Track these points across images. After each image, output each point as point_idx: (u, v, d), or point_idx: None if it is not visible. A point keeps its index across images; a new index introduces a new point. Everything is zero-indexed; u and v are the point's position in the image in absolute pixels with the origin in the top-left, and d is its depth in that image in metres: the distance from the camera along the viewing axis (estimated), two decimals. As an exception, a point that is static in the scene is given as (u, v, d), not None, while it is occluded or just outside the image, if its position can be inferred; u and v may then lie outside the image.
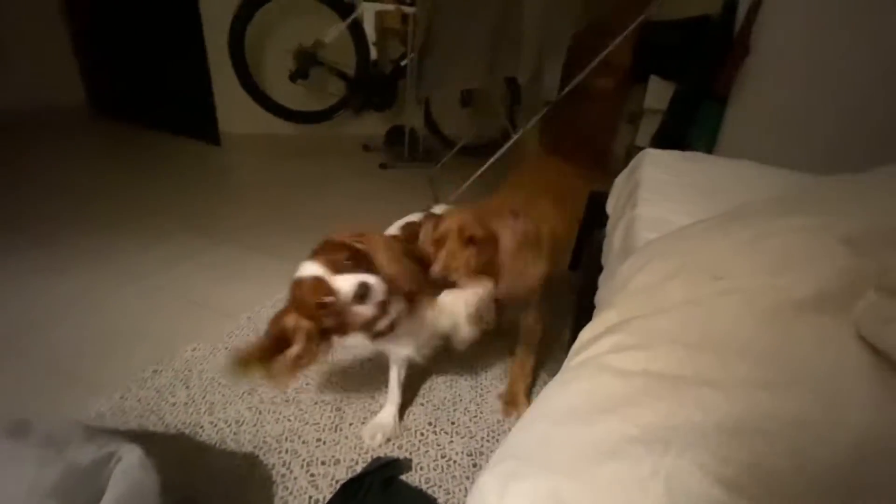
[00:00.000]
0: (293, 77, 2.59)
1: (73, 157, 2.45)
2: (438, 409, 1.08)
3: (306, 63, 2.59)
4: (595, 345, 0.47)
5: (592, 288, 1.11)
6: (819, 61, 1.86)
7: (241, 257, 1.62)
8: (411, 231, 0.98)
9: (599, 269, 1.16)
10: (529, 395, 1.14)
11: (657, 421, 0.36)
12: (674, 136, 2.21)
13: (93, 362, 1.14)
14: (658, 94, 2.66)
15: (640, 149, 3.12)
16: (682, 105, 2.20)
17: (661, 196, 0.94)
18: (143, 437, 0.95)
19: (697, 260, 0.56)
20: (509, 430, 1.05)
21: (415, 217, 1.04)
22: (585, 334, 0.54)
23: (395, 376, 1.03)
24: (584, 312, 1.03)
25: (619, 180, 1.33)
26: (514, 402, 1.10)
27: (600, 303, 0.81)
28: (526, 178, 1.41)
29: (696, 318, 0.46)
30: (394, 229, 1.03)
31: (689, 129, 2.18)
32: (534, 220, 0.96)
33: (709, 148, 2.19)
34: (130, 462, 0.62)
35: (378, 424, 1.01)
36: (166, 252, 1.61)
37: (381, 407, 1.06)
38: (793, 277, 0.48)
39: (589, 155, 2.90)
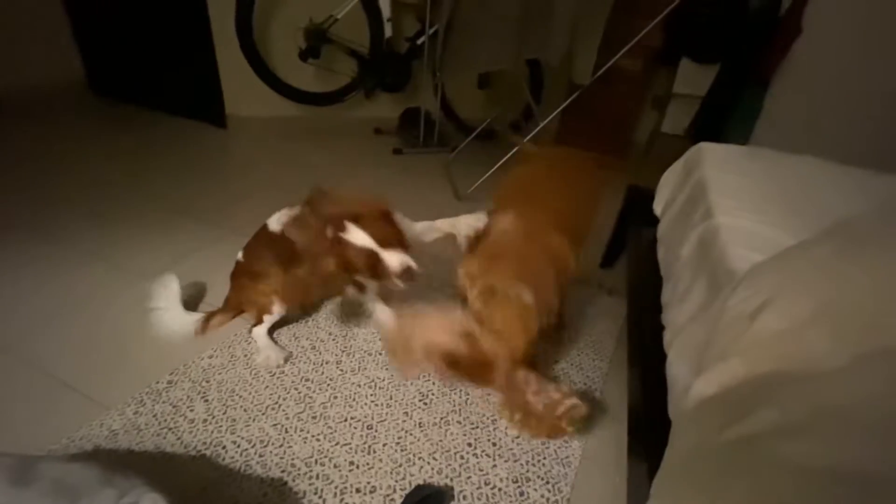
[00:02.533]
0: (303, 56, 2.44)
1: (73, 139, 2.32)
2: (477, 427, 1.00)
3: (317, 41, 2.43)
4: (742, 417, 0.37)
5: (644, 297, 1.02)
6: (876, 45, 1.72)
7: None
8: None
9: (650, 275, 1.06)
10: None
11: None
12: (714, 122, 2.07)
13: (102, 371, 1.05)
14: (689, 77, 2.51)
15: (665, 136, 2.98)
16: (724, 89, 2.05)
17: (738, 203, 0.83)
18: (161, 462, 0.88)
19: (838, 301, 0.46)
20: (555, 452, 0.99)
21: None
22: (703, 385, 0.45)
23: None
24: (643, 329, 0.94)
25: (671, 177, 1.22)
26: None
27: (682, 331, 0.71)
28: (520, 193, 1.18)
29: (868, 389, 0.37)
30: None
31: (728, 116, 2.05)
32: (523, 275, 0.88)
33: (746, 134, 2.06)
34: (154, 519, 0.54)
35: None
36: (174, 245, 1.51)
37: (416, 424, 0.99)
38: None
39: (609, 141, 2.77)
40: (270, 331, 1.16)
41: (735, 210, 0.81)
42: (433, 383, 1.10)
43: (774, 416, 0.36)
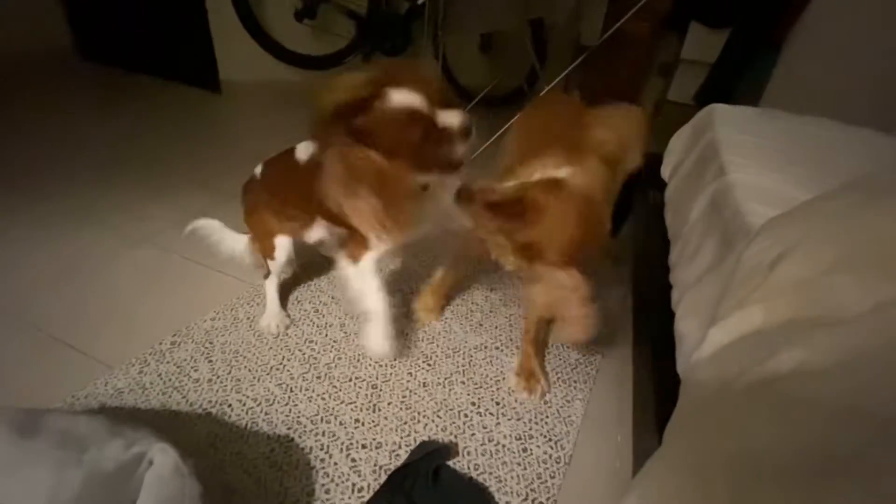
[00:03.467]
0: (299, 16, 2.34)
1: (62, 105, 2.25)
2: (481, 387, 1.01)
3: (313, 0, 2.33)
4: (765, 359, 0.37)
5: (650, 260, 1.01)
6: (893, 6, 1.65)
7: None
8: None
9: (657, 238, 1.05)
10: (544, 368, 1.06)
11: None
12: (725, 87, 2.01)
13: (104, 332, 1.05)
14: (698, 42, 2.42)
15: (671, 103, 2.91)
16: (734, 54, 1.99)
17: (753, 161, 0.81)
18: (168, 418, 0.88)
19: (859, 249, 0.45)
20: (557, 411, 1.00)
21: None
22: (720, 334, 0.44)
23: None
24: (649, 289, 0.94)
25: (679, 140, 1.19)
26: (535, 377, 1.01)
27: (691, 287, 0.70)
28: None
29: (892, 334, 0.36)
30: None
31: (739, 82, 1.99)
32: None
33: (755, 101, 2.01)
34: (164, 467, 0.54)
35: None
36: (171, 209, 1.49)
37: (420, 384, 0.99)
38: None
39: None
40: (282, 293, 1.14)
41: (749, 167, 0.79)
42: (436, 345, 1.10)
43: (799, 357, 0.35)
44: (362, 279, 0.93)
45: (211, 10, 2.33)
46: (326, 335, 1.10)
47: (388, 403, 0.95)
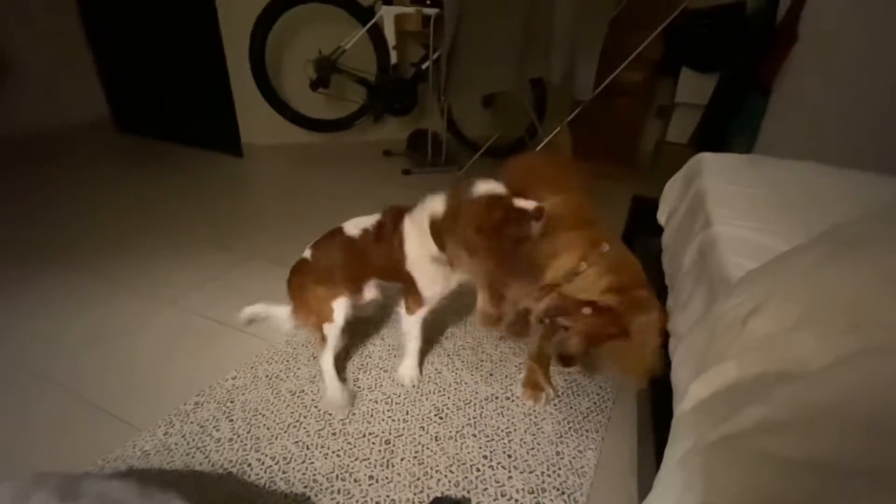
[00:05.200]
0: (314, 86, 2.55)
1: (98, 176, 2.45)
2: (492, 439, 1.02)
3: (327, 71, 2.54)
4: (731, 415, 0.40)
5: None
6: (871, 49, 1.74)
7: (270, 274, 1.58)
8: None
9: (658, 283, 1.08)
10: (549, 379, 1.15)
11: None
12: (716, 131, 2.10)
13: (130, 395, 1.11)
14: (690, 87, 2.55)
15: (671, 144, 3.01)
16: (724, 98, 2.08)
17: (735, 211, 0.86)
18: (192, 479, 0.92)
19: (823, 304, 0.48)
20: (570, 462, 1.00)
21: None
22: (700, 388, 0.48)
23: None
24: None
25: (673, 188, 1.25)
26: (539, 386, 1.12)
27: (684, 338, 0.74)
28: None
29: (849, 387, 0.39)
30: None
31: (731, 124, 2.07)
32: None
33: (750, 142, 2.08)
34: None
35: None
36: (195, 272, 1.59)
37: (433, 438, 1.01)
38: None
39: (615, 152, 2.80)
40: (338, 367, 1.13)
41: (732, 219, 0.83)
42: (448, 397, 1.12)
43: (761, 412, 0.38)
44: (412, 325, 1.14)
45: (234, 82, 2.56)
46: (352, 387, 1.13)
47: (402, 459, 0.97)
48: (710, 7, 2.29)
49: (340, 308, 1.09)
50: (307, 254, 1.14)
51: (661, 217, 1.24)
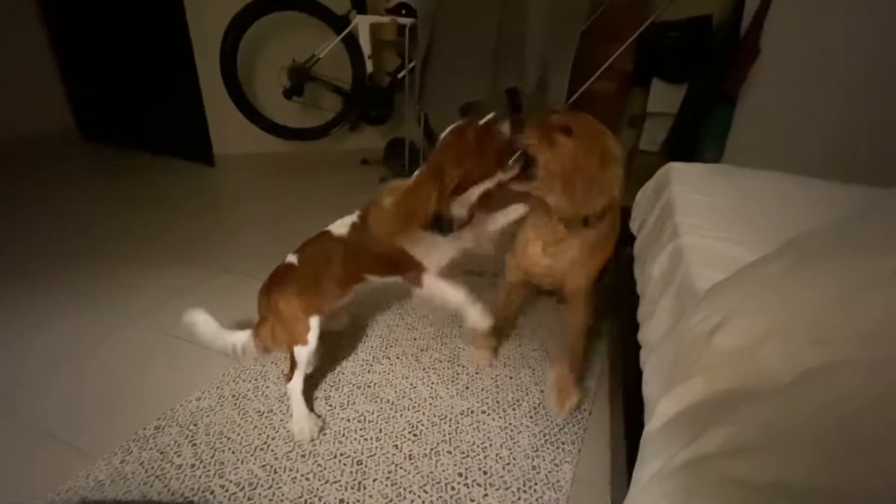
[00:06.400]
0: (287, 94, 2.51)
1: (62, 186, 2.35)
2: (468, 456, 1.00)
3: (301, 79, 2.51)
4: (697, 436, 0.39)
5: (625, 316, 1.04)
6: (829, 60, 1.81)
7: (241, 288, 1.52)
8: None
9: (630, 293, 1.09)
10: (581, 383, 1.13)
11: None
12: (686, 139, 2.15)
13: (85, 420, 1.04)
14: (661, 97, 2.61)
15: (644, 152, 3.07)
16: (692, 108, 2.14)
17: (702, 221, 0.87)
18: (147, 511, 0.86)
19: (787, 318, 0.48)
20: (546, 476, 0.98)
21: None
22: (667, 405, 0.47)
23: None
24: (626, 348, 0.96)
25: (644, 197, 1.26)
26: (567, 390, 1.07)
27: (654, 350, 0.73)
28: None
29: (814, 403, 0.39)
30: None
31: (700, 133, 2.12)
32: None
33: (720, 150, 2.14)
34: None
35: None
36: (161, 287, 1.52)
37: (406, 457, 0.98)
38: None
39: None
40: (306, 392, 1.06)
41: (699, 229, 0.84)
42: (423, 413, 1.10)
43: (726, 435, 0.38)
44: (435, 289, 1.08)
45: (205, 89, 2.50)
46: (311, 408, 1.09)
47: (374, 480, 0.94)
48: (679, 20, 2.36)
49: (315, 328, 1.04)
50: (291, 259, 1.09)
51: (634, 226, 1.25)
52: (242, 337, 1.07)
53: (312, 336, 1.04)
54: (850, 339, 0.43)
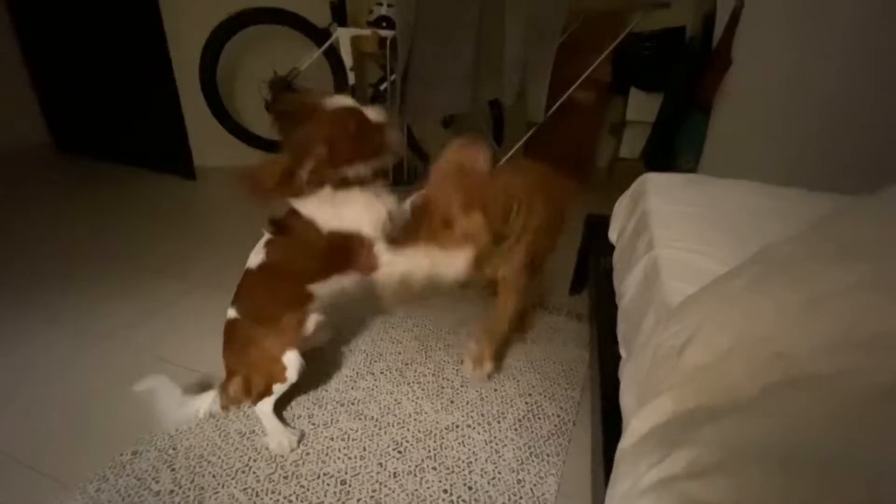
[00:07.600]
0: (269, 106, 2.49)
1: (35, 200, 2.29)
2: (453, 472, 1.00)
3: (282, 91, 2.49)
4: (665, 456, 0.40)
5: (605, 326, 1.05)
6: (800, 71, 1.87)
7: (222, 304, 1.50)
8: None
9: (610, 302, 1.10)
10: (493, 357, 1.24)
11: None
12: (663, 147, 2.19)
13: (58, 446, 1.01)
14: (639, 105, 2.67)
15: (623, 160, 3.12)
16: (668, 116, 2.19)
17: (676, 233, 0.89)
18: (123, 542, 0.84)
19: (751, 332, 0.49)
20: (531, 490, 0.99)
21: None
22: (638, 424, 0.47)
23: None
24: (606, 358, 0.97)
25: (621, 207, 1.28)
26: (480, 360, 1.22)
27: (631, 356, 0.74)
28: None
29: (775, 419, 0.40)
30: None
31: (676, 141, 2.17)
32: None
33: (697, 157, 2.19)
34: None
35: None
36: (141, 303, 1.49)
37: (391, 475, 0.98)
38: (871, 360, 0.42)
39: (571, 169, 2.88)
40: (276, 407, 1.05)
41: (673, 241, 0.86)
42: (407, 430, 1.09)
43: (689, 456, 0.38)
44: (397, 259, 1.04)
45: (184, 101, 2.47)
46: (293, 428, 1.08)
47: (358, 500, 0.93)
48: (653, 31, 2.42)
49: (294, 363, 1.01)
50: (231, 314, 1.06)
51: (612, 235, 1.27)
52: (206, 400, 1.04)
53: (291, 372, 1.02)
54: (811, 352, 0.45)
